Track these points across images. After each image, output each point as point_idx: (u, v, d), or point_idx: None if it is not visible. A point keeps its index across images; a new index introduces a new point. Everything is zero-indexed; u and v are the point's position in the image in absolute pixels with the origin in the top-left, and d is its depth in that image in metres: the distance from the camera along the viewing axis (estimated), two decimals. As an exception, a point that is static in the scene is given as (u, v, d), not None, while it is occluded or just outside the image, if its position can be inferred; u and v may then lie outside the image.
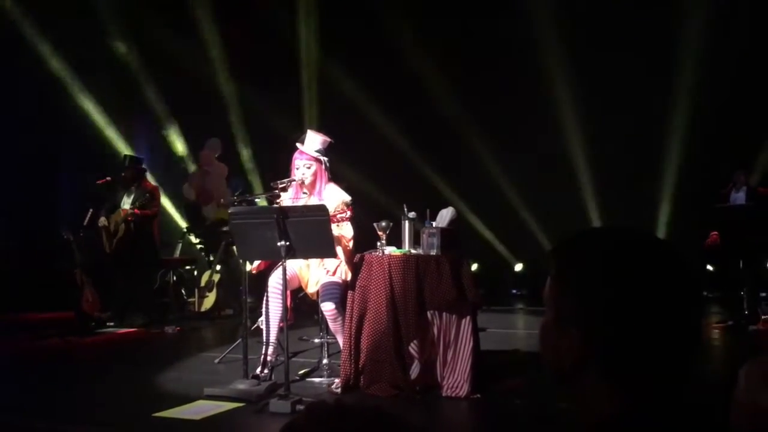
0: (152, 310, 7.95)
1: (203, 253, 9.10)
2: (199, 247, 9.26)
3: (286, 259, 4.23)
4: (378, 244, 4.58)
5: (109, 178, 7.96)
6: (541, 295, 1.05)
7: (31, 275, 8.27)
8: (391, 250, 4.55)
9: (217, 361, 5.50)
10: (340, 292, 4.65)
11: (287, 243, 4.14)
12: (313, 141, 4.87)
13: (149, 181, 8.41)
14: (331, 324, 4.72)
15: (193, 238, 9.34)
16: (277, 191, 4.78)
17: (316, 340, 5.53)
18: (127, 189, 7.97)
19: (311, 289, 4.83)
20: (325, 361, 5.01)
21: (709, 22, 8.27)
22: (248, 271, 4.85)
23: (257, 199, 5.30)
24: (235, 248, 5.37)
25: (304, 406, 1.09)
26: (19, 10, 8.49)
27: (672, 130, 8.89)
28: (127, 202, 7.89)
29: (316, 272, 4.78)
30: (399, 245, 4.66)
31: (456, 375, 4.30)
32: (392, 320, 4.31)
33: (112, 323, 7.75)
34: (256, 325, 5.36)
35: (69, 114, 9.13)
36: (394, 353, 4.31)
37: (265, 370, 4.63)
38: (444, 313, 4.33)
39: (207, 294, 8.44)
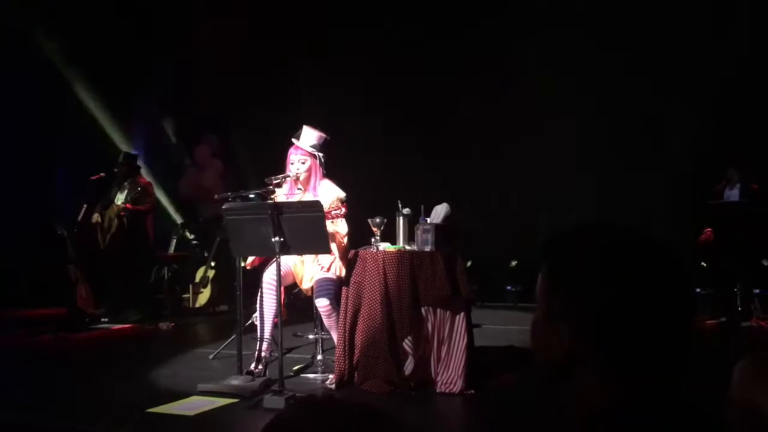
0: (146, 306, 7.94)
1: (198, 249, 9.09)
2: (193, 243, 9.25)
3: (281, 255, 4.23)
4: (372, 240, 4.58)
5: (103, 174, 7.94)
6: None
7: (25, 271, 8.25)
8: (386, 246, 4.55)
9: (211, 357, 5.50)
10: (335, 288, 4.65)
11: (281, 239, 4.14)
12: (309, 136, 4.87)
13: (143, 177, 8.39)
14: (325, 320, 4.73)
15: (188, 234, 9.33)
16: (271, 187, 4.78)
17: (311, 336, 5.53)
18: (120, 185, 7.95)
19: (305, 285, 4.83)
20: (320, 357, 5.02)
21: (705, 18, 8.27)
22: (242, 267, 4.85)
23: (251, 195, 5.28)
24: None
25: (294, 400, 1.09)
26: (17, 2, 8.47)
27: (667, 126, 8.90)
28: (120, 198, 7.87)
29: (311, 268, 4.78)
30: (393, 241, 4.66)
31: (450, 371, 4.31)
32: (386, 316, 4.32)
33: (106, 319, 7.74)
34: (250, 321, 5.36)
35: (64, 109, 9.10)
36: (389, 349, 4.31)
37: (260, 366, 4.63)
38: (438, 309, 4.34)
39: (201, 290, 8.43)
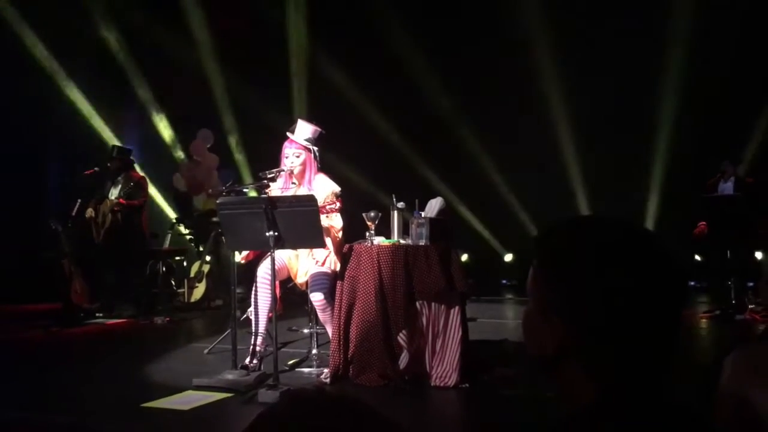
0: (141, 301, 7.93)
1: (193, 244, 9.08)
2: (188, 237, 9.23)
3: (275, 250, 4.23)
4: (367, 234, 4.58)
5: (96, 169, 7.91)
6: None
7: (19, 266, 8.22)
8: (380, 241, 4.55)
9: (206, 351, 5.50)
10: (330, 283, 4.65)
11: (276, 233, 4.13)
12: (303, 130, 4.86)
13: (137, 171, 8.37)
14: (320, 314, 4.72)
15: (183, 229, 9.31)
16: (265, 181, 4.77)
17: (306, 331, 5.53)
18: (113, 179, 7.93)
19: (300, 279, 4.83)
20: (314, 352, 5.01)
21: (699, 11, 8.28)
22: (237, 262, 4.84)
23: (246, 189, 5.27)
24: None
25: (283, 393, 1.09)
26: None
27: (661, 121, 8.91)
28: (114, 193, 7.85)
29: (305, 262, 4.78)
30: (388, 235, 4.66)
31: (445, 365, 4.32)
32: (381, 310, 4.32)
33: (100, 314, 7.73)
34: (245, 316, 5.36)
35: (57, 104, 9.07)
36: (383, 343, 4.32)
37: (254, 361, 4.63)
38: (433, 303, 4.34)
39: (196, 285, 8.42)
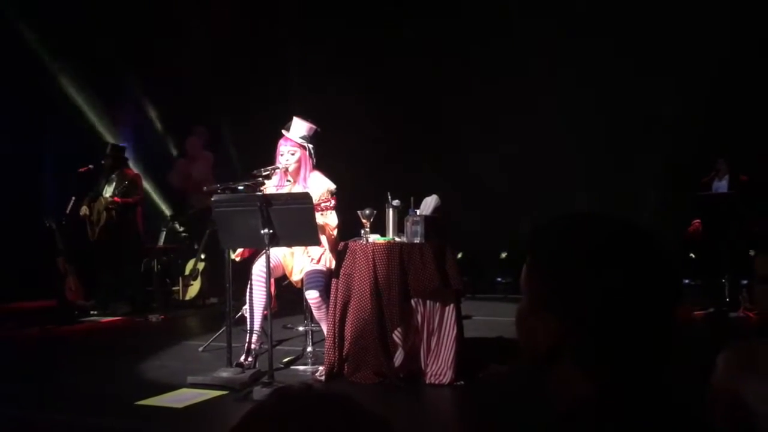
0: (136, 299, 7.91)
1: (188, 241, 9.06)
2: (183, 235, 9.21)
3: (270, 247, 4.22)
4: (362, 232, 4.58)
5: (91, 166, 7.89)
6: None
7: (13, 264, 8.19)
8: (375, 238, 4.55)
9: (201, 349, 5.49)
10: (325, 280, 4.65)
11: (271, 231, 4.13)
12: (299, 127, 4.86)
13: (131, 169, 8.35)
14: (315, 312, 4.73)
15: (178, 226, 9.29)
16: (260, 179, 4.76)
17: (301, 328, 5.53)
18: (108, 177, 7.91)
19: (295, 277, 4.83)
20: (310, 349, 5.02)
21: (694, 9, 8.29)
22: (232, 259, 4.84)
23: (240, 187, 5.26)
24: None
25: (273, 390, 1.09)
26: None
27: (657, 119, 8.93)
28: (108, 190, 7.84)
29: (300, 260, 4.78)
30: (383, 233, 4.66)
31: (440, 362, 4.32)
32: (376, 308, 4.32)
33: (95, 312, 7.72)
34: (240, 314, 5.35)
35: (51, 101, 9.03)
36: (378, 341, 4.32)
37: (249, 358, 4.63)
38: (428, 301, 4.34)
39: (191, 282, 8.40)
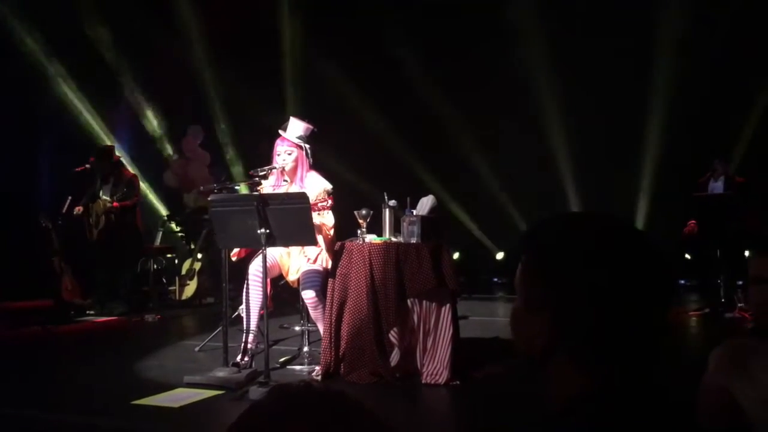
0: (132, 299, 7.91)
1: (184, 241, 9.06)
2: (179, 235, 9.21)
3: (267, 247, 4.23)
4: (358, 232, 4.58)
5: (87, 166, 7.88)
6: None
7: (9, 263, 8.18)
8: (372, 238, 4.56)
9: (197, 349, 5.49)
10: (321, 280, 4.65)
11: (267, 231, 4.14)
12: (296, 127, 4.86)
13: (127, 169, 8.33)
14: (311, 312, 4.73)
15: (174, 226, 9.29)
16: (257, 179, 4.77)
17: (297, 328, 5.53)
18: (103, 178, 7.90)
19: (292, 276, 4.83)
20: (306, 349, 5.02)
21: (689, 10, 8.31)
22: (229, 259, 4.84)
23: (237, 187, 5.27)
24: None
25: (271, 387, 1.09)
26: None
27: (652, 119, 8.95)
28: (105, 192, 7.82)
29: (297, 260, 4.78)
30: (379, 233, 4.66)
31: (436, 362, 4.33)
32: (372, 308, 4.32)
33: (91, 311, 7.71)
34: (236, 313, 5.36)
35: (48, 99, 9.02)
36: (375, 341, 4.32)
37: (246, 358, 4.62)
38: (424, 301, 4.35)
39: (188, 282, 8.40)
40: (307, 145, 4.85)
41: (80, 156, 8.03)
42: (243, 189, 6.02)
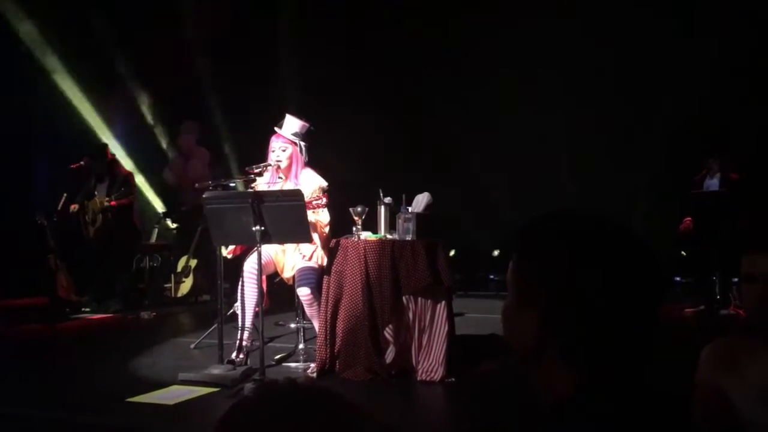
0: (128, 296, 7.90)
1: (180, 239, 9.03)
2: (175, 232, 9.19)
3: (262, 244, 4.22)
4: (354, 229, 4.58)
5: (82, 163, 7.86)
6: None
7: (4, 261, 8.16)
8: (367, 235, 4.56)
9: (192, 346, 5.49)
10: (316, 277, 4.65)
11: (262, 228, 4.13)
12: (291, 124, 4.86)
13: (122, 167, 8.31)
14: (307, 309, 4.73)
15: (170, 223, 9.27)
16: (252, 176, 4.76)
17: (292, 325, 5.53)
18: (99, 176, 7.88)
19: (287, 274, 4.83)
20: (301, 346, 5.02)
21: (686, 9, 8.31)
22: (224, 257, 4.83)
23: (233, 184, 5.26)
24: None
25: (258, 384, 1.09)
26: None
27: (648, 118, 8.95)
28: (101, 190, 7.80)
29: (292, 257, 4.78)
30: (375, 230, 4.66)
31: (431, 359, 4.33)
32: (368, 305, 4.33)
33: (87, 308, 7.70)
34: (231, 311, 5.36)
35: (43, 96, 8.99)
36: (370, 338, 4.33)
37: (241, 355, 4.63)
38: (419, 298, 4.35)
39: (183, 279, 8.39)
40: (303, 142, 4.85)
41: (76, 152, 8.02)
42: (239, 186, 6.01)
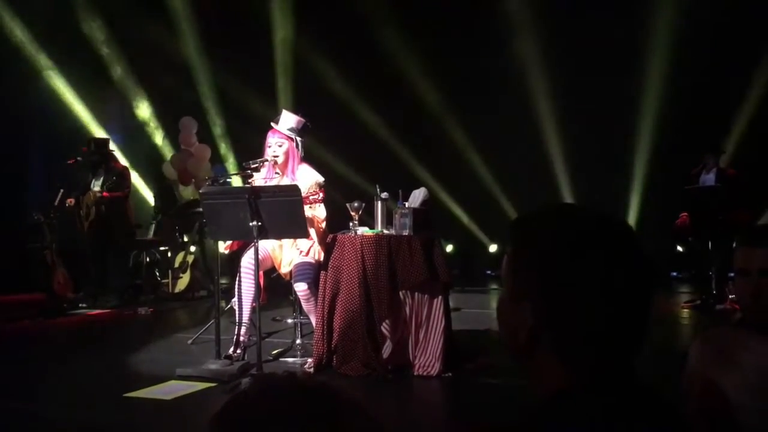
0: (125, 292, 7.90)
1: (177, 234, 9.02)
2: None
3: (258, 240, 4.23)
4: (350, 224, 4.59)
5: (79, 159, 7.85)
6: None
7: (1, 257, 8.15)
8: (364, 231, 4.56)
9: (189, 341, 5.49)
10: (313, 273, 4.66)
11: (259, 223, 4.13)
12: (287, 120, 4.86)
13: (118, 161, 8.30)
14: (304, 304, 4.74)
15: (167, 219, 9.25)
16: (249, 171, 4.77)
17: (290, 321, 5.54)
18: (95, 171, 7.87)
19: (284, 269, 4.83)
20: (299, 341, 5.03)
21: (680, 4, 8.32)
22: (221, 252, 4.84)
23: (229, 180, 5.26)
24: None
25: (254, 377, 1.10)
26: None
27: (644, 112, 8.96)
28: (96, 184, 7.80)
29: (289, 253, 4.79)
30: (371, 225, 4.67)
31: (428, 354, 4.34)
32: (365, 300, 4.33)
33: (84, 304, 7.70)
34: (229, 306, 5.37)
35: (39, 92, 8.96)
36: (367, 333, 4.33)
37: (238, 351, 4.63)
38: (416, 293, 4.36)
39: (181, 275, 8.40)
40: (299, 138, 4.85)
41: (72, 149, 8.01)
42: (237, 182, 6.01)
